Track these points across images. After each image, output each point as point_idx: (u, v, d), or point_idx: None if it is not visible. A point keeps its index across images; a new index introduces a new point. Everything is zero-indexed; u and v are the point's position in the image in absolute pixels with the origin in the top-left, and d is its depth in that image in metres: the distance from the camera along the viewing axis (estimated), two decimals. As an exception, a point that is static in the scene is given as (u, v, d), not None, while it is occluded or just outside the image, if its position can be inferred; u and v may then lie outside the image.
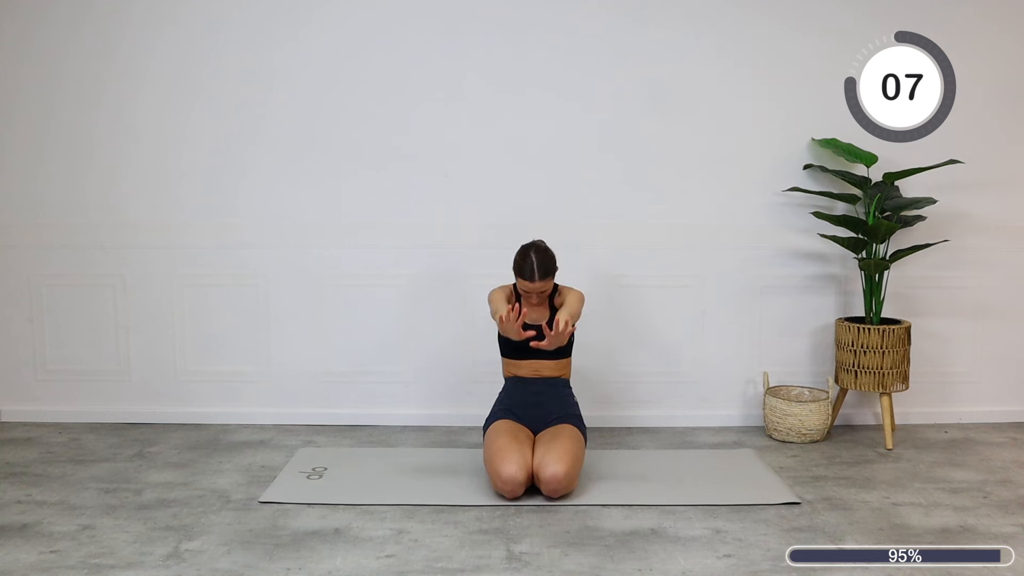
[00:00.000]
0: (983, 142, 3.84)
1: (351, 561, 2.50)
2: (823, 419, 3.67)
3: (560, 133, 3.82)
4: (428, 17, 3.78)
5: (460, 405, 3.87)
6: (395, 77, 3.79)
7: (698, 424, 3.91)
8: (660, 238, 3.86)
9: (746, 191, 3.86)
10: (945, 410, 3.97)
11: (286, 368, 3.91)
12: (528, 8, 3.78)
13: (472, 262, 3.82)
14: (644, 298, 3.88)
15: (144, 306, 3.90)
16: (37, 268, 3.89)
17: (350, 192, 3.83)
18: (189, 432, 3.78)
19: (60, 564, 2.47)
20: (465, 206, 3.83)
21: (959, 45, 3.73)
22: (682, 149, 3.84)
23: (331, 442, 3.66)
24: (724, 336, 3.92)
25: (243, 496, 3.01)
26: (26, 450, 3.54)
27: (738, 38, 3.80)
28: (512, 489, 2.91)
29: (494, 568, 2.45)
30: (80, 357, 3.92)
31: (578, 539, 2.65)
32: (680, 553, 2.55)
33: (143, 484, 3.14)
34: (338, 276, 3.87)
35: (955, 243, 3.84)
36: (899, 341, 3.59)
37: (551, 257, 3.16)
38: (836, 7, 3.79)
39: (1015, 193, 3.91)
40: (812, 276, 3.90)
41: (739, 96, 3.82)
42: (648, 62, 3.80)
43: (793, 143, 3.84)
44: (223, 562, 2.49)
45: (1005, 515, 2.86)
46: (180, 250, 3.87)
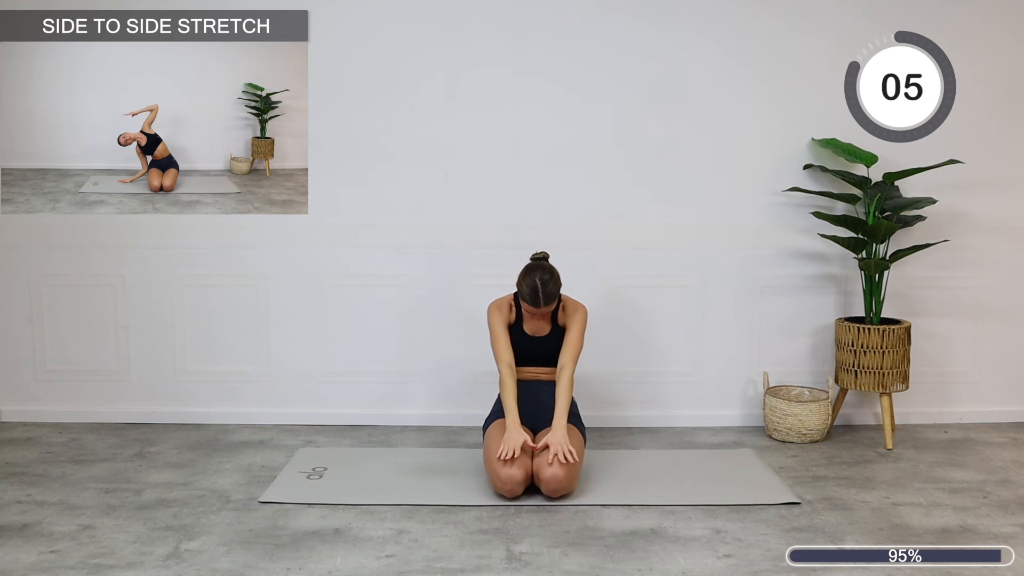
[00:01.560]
0: (983, 142, 3.84)
1: (351, 561, 2.50)
2: (823, 419, 3.67)
3: (560, 133, 3.81)
4: (427, 16, 3.78)
5: (460, 405, 3.87)
6: (395, 76, 3.79)
7: (698, 424, 3.91)
8: (660, 238, 3.85)
9: (746, 191, 3.86)
10: (945, 410, 3.97)
11: (286, 368, 3.91)
12: (528, 8, 3.78)
13: (472, 262, 3.82)
14: (644, 298, 3.88)
15: (144, 306, 3.90)
16: (37, 268, 3.89)
17: (350, 192, 3.83)
18: (189, 432, 3.78)
19: (60, 564, 2.47)
20: (465, 206, 3.83)
21: (959, 45, 3.73)
22: (682, 149, 3.84)
23: (331, 442, 3.66)
24: (724, 336, 3.92)
25: (243, 496, 3.01)
26: (26, 450, 3.54)
27: (738, 38, 3.80)
28: (512, 489, 2.91)
29: (494, 568, 2.45)
30: (80, 357, 3.92)
31: (578, 539, 2.65)
32: (680, 553, 2.55)
33: (143, 484, 3.14)
34: (338, 276, 3.87)
35: (955, 243, 3.83)
36: (899, 341, 3.59)
37: (556, 280, 3.11)
38: (836, 7, 3.79)
39: (1015, 193, 3.91)
40: (812, 276, 3.90)
41: (739, 96, 3.82)
42: (648, 62, 3.80)
43: (793, 143, 3.84)
44: (223, 562, 2.49)
45: (1005, 515, 2.86)
46: (180, 250, 3.87)
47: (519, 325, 3.21)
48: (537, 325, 3.21)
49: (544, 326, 3.21)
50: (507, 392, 3.09)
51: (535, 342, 3.20)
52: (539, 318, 3.19)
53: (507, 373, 3.11)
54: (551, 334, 3.21)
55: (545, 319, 3.20)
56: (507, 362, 3.13)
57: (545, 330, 3.22)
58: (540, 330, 3.21)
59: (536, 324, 3.21)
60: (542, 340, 3.20)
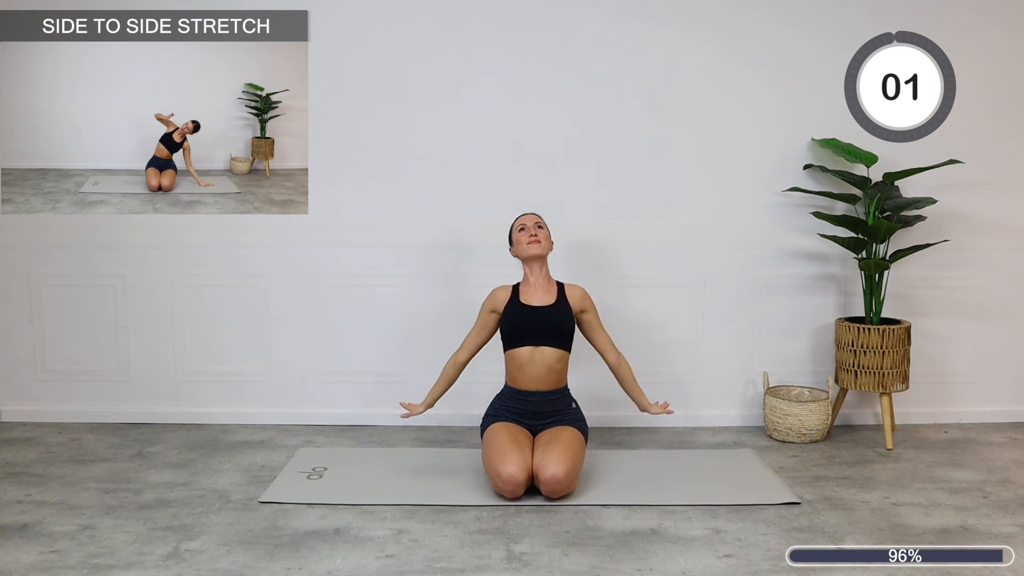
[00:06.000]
0: (983, 142, 3.84)
1: (351, 561, 2.50)
2: (823, 419, 3.67)
3: (560, 133, 3.82)
4: (427, 16, 3.78)
5: (460, 405, 3.86)
6: (395, 76, 3.79)
7: (698, 424, 3.91)
8: (660, 238, 3.86)
9: (746, 191, 3.86)
10: (945, 410, 3.97)
11: (286, 368, 3.91)
12: (528, 8, 3.78)
13: (472, 262, 3.82)
14: (644, 298, 3.88)
15: (144, 306, 3.90)
16: (37, 268, 3.89)
17: (350, 192, 3.84)
18: (189, 432, 3.78)
19: (60, 564, 2.47)
20: (465, 206, 3.83)
21: (959, 45, 3.74)
22: (682, 149, 3.84)
23: (331, 442, 3.66)
24: (724, 336, 3.92)
25: (243, 496, 3.01)
26: (26, 450, 3.54)
27: (738, 38, 3.80)
28: (512, 489, 2.91)
29: (494, 568, 2.45)
30: (80, 357, 3.92)
31: (578, 539, 2.65)
32: (680, 553, 2.55)
33: (143, 484, 3.14)
34: (338, 276, 3.87)
35: (955, 243, 3.84)
36: (899, 341, 3.59)
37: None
38: (836, 7, 3.79)
39: (1015, 193, 3.91)
40: (812, 276, 3.90)
41: (739, 96, 3.82)
42: (648, 63, 3.80)
43: (793, 143, 3.84)
44: (223, 562, 2.49)
45: (1005, 515, 2.86)
46: (180, 250, 3.87)
47: (516, 300, 3.20)
48: (541, 293, 3.20)
49: (548, 295, 3.20)
50: (440, 379, 3.29)
51: (540, 314, 3.16)
52: (542, 284, 3.20)
53: (451, 364, 3.29)
54: (556, 304, 3.19)
55: (550, 284, 3.22)
56: (461, 357, 3.28)
57: (550, 300, 3.20)
58: (545, 299, 3.20)
59: (539, 293, 3.20)
60: (547, 311, 3.17)
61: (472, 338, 3.29)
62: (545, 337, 3.15)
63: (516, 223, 3.29)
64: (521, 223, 3.26)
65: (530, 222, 3.24)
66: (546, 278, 3.24)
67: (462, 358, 3.29)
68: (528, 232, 3.21)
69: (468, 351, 3.29)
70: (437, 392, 3.29)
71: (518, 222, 3.28)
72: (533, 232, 3.21)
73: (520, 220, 3.28)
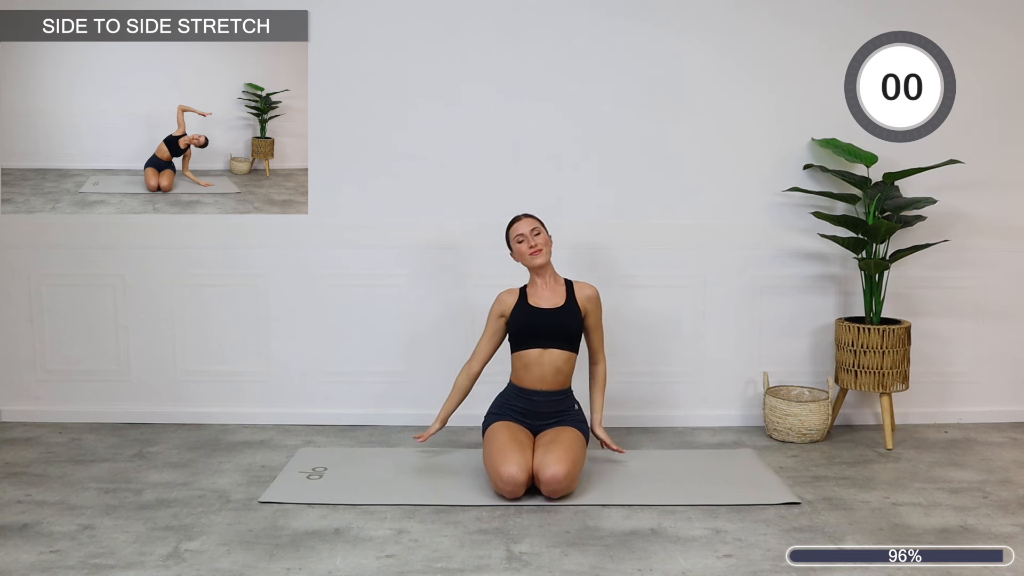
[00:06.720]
0: (983, 142, 3.84)
1: (351, 561, 2.50)
2: (823, 419, 3.67)
3: (560, 134, 3.82)
4: (427, 17, 3.78)
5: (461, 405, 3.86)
6: (395, 76, 3.79)
7: (698, 424, 3.91)
8: (660, 238, 3.86)
9: (746, 191, 3.86)
10: (945, 410, 3.97)
11: (286, 368, 3.91)
12: (528, 9, 3.78)
13: (472, 262, 3.82)
14: (644, 298, 3.88)
15: (144, 306, 3.90)
16: (37, 268, 3.89)
17: (350, 192, 3.84)
18: (189, 432, 3.78)
19: (60, 564, 2.47)
20: (465, 206, 3.83)
21: (959, 45, 3.74)
22: (682, 149, 3.84)
23: (331, 442, 3.66)
24: (724, 336, 3.92)
25: (243, 496, 3.01)
26: (26, 450, 3.54)
27: (738, 38, 3.80)
28: (512, 489, 2.91)
29: (494, 568, 2.45)
30: (80, 357, 3.92)
31: (578, 539, 2.65)
32: (680, 553, 2.55)
33: (143, 484, 3.14)
34: (338, 276, 3.87)
35: (955, 243, 3.84)
36: (899, 341, 3.59)
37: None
38: (836, 7, 3.79)
39: (1015, 193, 3.91)
40: (812, 276, 3.90)
41: (739, 96, 3.82)
42: (648, 62, 3.80)
43: (793, 143, 3.84)
44: (223, 562, 2.49)
45: (1005, 515, 2.86)
46: (180, 250, 3.87)
47: (524, 302, 3.20)
48: (549, 295, 3.20)
49: (558, 297, 3.20)
50: (453, 391, 3.29)
51: (549, 316, 3.16)
52: (550, 285, 3.20)
53: (465, 376, 3.29)
54: (565, 306, 3.19)
55: (558, 284, 3.22)
56: (475, 368, 3.28)
57: (558, 301, 3.20)
58: (554, 300, 3.19)
59: (547, 294, 3.20)
60: (556, 313, 3.16)
61: (483, 347, 3.28)
62: (554, 339, 3.16)
63: (512, 231, 3.23)
64: (518, 233, 3.19)
65: (526, 229, 3.18)
66: (553, 278, 3.25)
67: (475, 368, 3.29)
68: (528, 242, 3.17)
69: (481, 360, 3.28)
70: (451, 406, 3.30)
71: (514, 229, 3.22)
72: (532, 242, 3.17)
73: (515, 228, 3.22)
